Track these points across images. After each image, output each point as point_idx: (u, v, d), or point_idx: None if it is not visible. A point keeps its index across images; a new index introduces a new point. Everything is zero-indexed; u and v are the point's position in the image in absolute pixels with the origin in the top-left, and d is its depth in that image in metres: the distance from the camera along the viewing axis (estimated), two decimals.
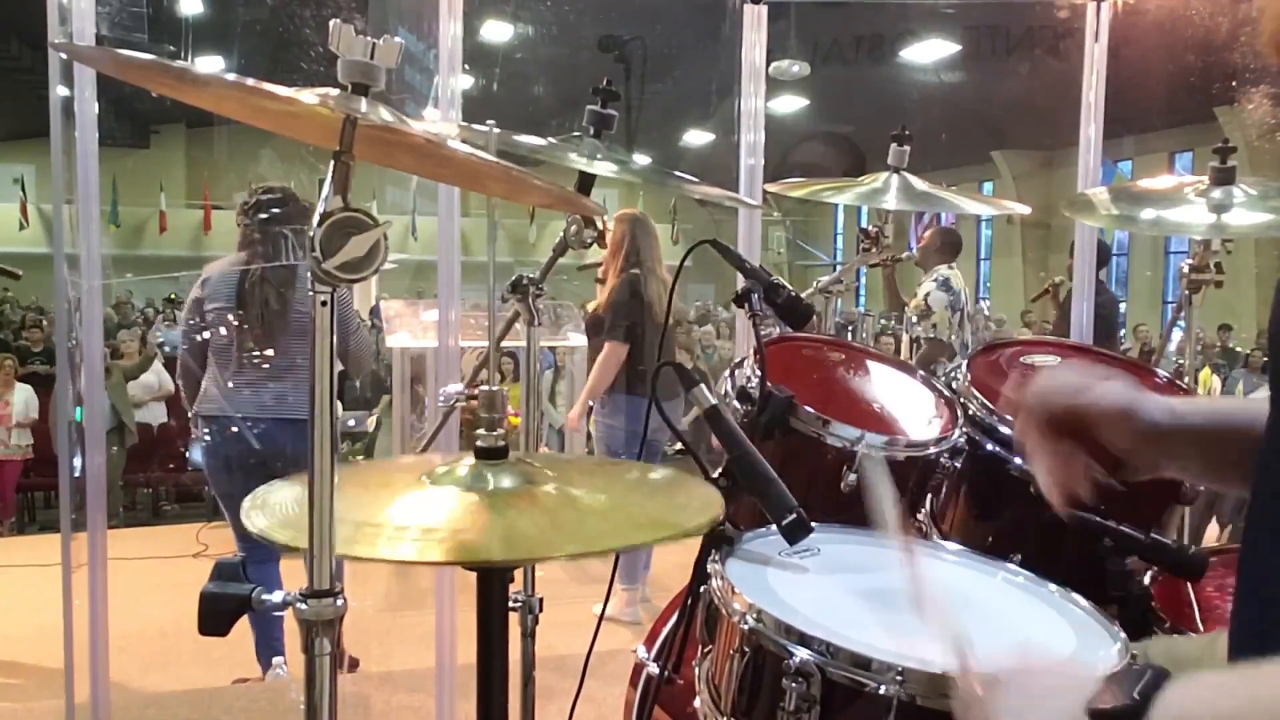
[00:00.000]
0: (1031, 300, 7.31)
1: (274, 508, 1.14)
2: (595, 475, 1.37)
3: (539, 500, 1.18)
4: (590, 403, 4.28)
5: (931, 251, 5.06)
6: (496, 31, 12.33)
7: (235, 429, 3.40)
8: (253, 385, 3.45)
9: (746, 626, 1.10)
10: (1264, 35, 0.86)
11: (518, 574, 1.50)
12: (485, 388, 1.28)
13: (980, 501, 1.73)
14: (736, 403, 1.65)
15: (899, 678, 1.01)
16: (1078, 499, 1.08)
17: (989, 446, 1.64)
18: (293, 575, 3.47)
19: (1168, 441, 1.08)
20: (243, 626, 1.09)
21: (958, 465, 1.66)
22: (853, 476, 1.56)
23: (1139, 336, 11.10)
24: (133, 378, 7.87)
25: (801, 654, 1.04)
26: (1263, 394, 0.98)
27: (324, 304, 0.97)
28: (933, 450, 1.64)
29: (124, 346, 8.34)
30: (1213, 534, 5.77)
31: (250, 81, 0.94)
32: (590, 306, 4.48)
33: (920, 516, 1.77)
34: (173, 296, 16.23)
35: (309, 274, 0.96)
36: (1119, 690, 0.78)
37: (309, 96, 0.96)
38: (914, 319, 5.06)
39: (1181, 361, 3.01)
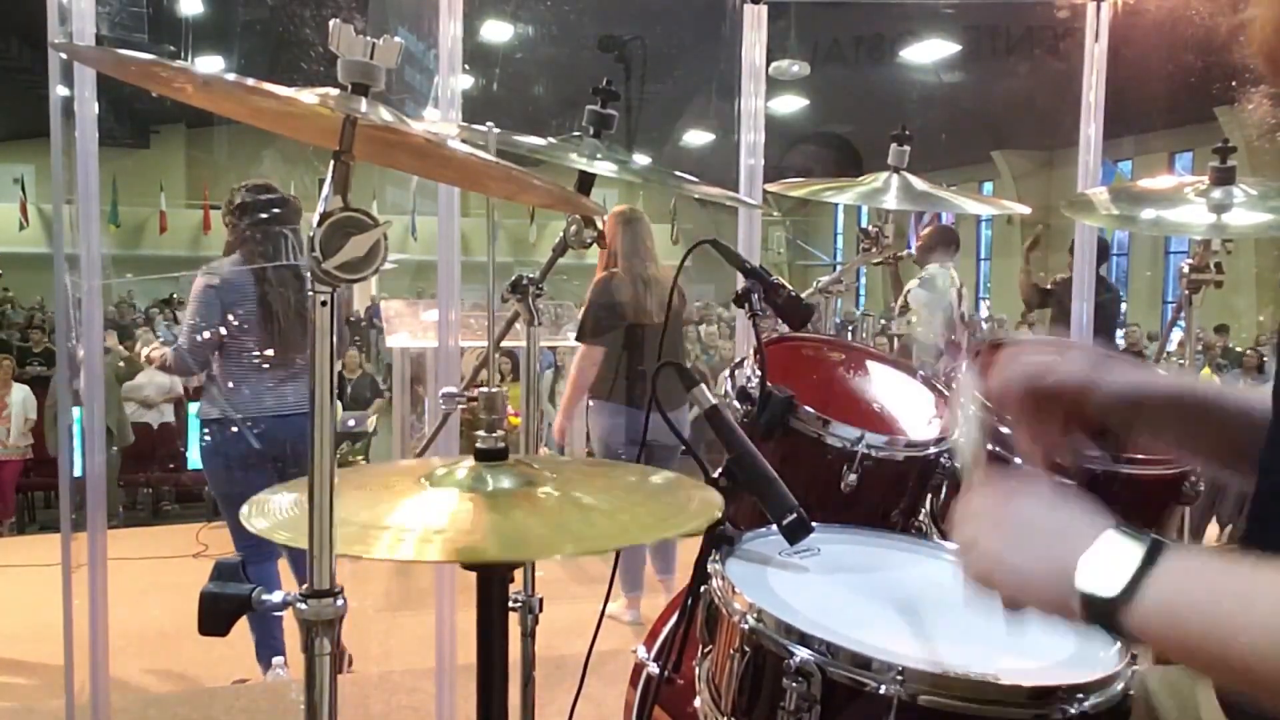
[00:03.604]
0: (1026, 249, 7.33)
1: (276, 511, 1.14)
2: (594, 478, 1.36)
3: (538, 502, 1.18)
4: (591, 401, 4.25)
5: (928, 249, 5.05)
6: (496, 31, 12.34)
7: (236, 429, 3.42)
8: (278, 385, 3.48)
9: (747, 626, 1.10)
10: (1254, 44, 0.86)
11: (518, 574, 1.50)
12: (485, 389, 1.27)
13: None
14: (736, 403, 1.64)
15: (899, 677, 1.01)
16: (1059, 467, 1.10)
17: (989, 446, 1.64)
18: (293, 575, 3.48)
19: (1134, 409, 1.11)
20: (243, 626, 1.09)
21: (958, 465, 1.66)
22: (853, 476, 1.56)
23: (1129, 338, 11.03)
24: (126, 379, 7.85)
25: (802, 654, 1.04)
26: (1262, 391, 1.00)
27: (324, 304, 0.97)
28: (933, 450, 1.64)
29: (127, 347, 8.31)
30: (1213, 534, 5.77)
31: (250, 81, 0.94)
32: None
33: (920, 516, 1.77)
34: (172, 296, 16.26)
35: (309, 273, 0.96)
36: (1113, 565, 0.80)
37: (309, 96, 0.95)
38: (897, 315, 5.07)
39: (1182, 362, 3.01)
